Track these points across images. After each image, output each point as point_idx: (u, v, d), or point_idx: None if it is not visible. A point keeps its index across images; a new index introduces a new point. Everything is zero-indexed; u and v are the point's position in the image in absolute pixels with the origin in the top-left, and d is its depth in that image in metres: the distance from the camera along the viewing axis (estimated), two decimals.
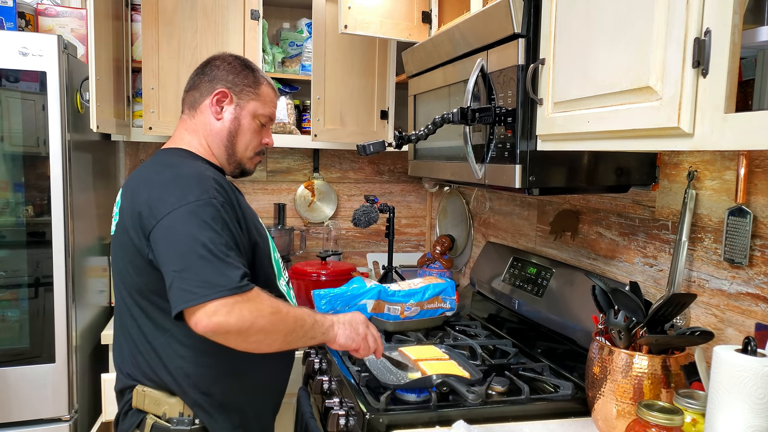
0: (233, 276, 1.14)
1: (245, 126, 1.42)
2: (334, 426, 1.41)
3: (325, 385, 1.64)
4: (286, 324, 1.21)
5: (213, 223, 1.18)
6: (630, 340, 1.25)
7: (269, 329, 1.18)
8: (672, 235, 1.48)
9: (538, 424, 1.36)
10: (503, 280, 2.09)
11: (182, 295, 1.12)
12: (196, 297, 1.11)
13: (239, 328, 1.14)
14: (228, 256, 1.16)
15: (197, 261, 1.14)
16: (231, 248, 1.19)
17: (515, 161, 1.35)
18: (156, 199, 1.22)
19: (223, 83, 1.40)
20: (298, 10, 2.76)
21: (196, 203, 1.19)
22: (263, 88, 1.45)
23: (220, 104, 1.40)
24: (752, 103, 1.03)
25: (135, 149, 2.70)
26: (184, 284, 1.13)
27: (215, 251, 1.15)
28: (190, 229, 1.16)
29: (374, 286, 1.99)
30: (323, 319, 1.32)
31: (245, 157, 1.45)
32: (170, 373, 1.29)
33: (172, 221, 1.18)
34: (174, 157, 1.38)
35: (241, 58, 1.47)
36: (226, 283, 1.13)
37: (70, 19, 2.23)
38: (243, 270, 1.17)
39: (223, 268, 1.14)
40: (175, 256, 1.16)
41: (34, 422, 1.92)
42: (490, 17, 1.42)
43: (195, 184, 1.23)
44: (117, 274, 1.36)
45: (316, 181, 2.92)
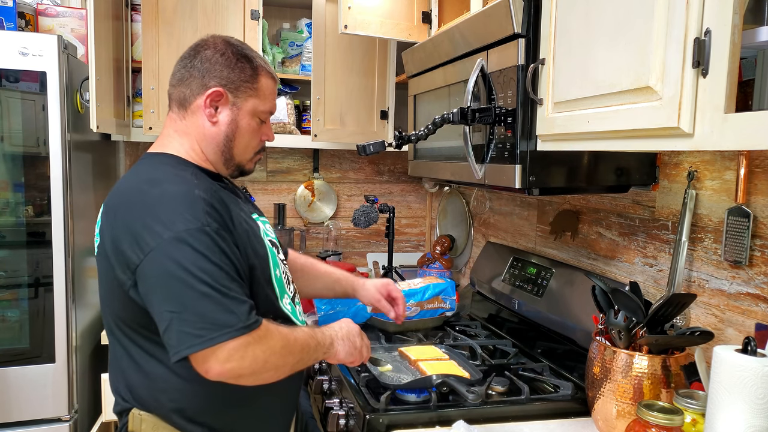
0: (241, 312, 1.03)
1: (243, 127, 1.25)
2: (334, 426, 1.41)
3: (325, 385, 1.64)
4: (294, 355, 1.14)
5: (209, 254, 1.05)
6: (630, 340, 1.25)
7: (281, 364, 1.11)
8: (672, 235, 1.48)
9: (538, 424, 1.36)
10: (503, 280, 2.09)
11: (185, 339, 1.01)
12: (202, 341, 1.00)
13: (253, 370, 1.06)
14: (231, 290, 1.05)
15: (198, 299, 1.02)
16: (233, 279, 1.07)
17: (515, 161, 1.35)
18: (140, 227, 1.07)
19: (217, 80, 1.21)
20: (298, 10, 2.76)
21: (187, 231, 1.04)
22: (262, 81, 1.26)
23: (215, 105, 1.22)
24: (752, 103, 1.03)
25: (135, 149, 2.70)
26: (186, 326, 1.01)
27: (216, 286, 1.03)
28: (184, 262, 1.03)
29: None
30: (323, 337, 1.24)
31: (244, 159, 1.30)
32: (162, 405, 1.18)
33: (161, 255, 1.04)
34: (160, 169, 1.20)
35: (235, 44, 1.26)
36: (234, 322, 1.02)
37: (70, 19, 2.23)
38: (249, 303, 1.07)
39: (229, 305, 1.03)
40: (170, 295, 1.03)
41: (34, 422, 1.92)
42: (490, 17, 1.42)
43: (184, 208, 1.08)
44: (102, 299, 1.22)
45: (316, 181, 2.92)
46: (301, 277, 1.59)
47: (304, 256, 1.66)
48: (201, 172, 1.23)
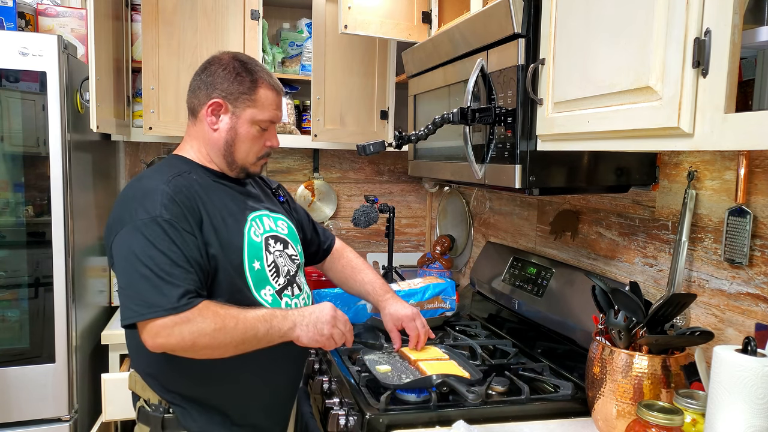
0: (171, 295, 1.18)
1: (243, 134, 1.39)
2: (334, 426, 1.41)
3: (325, 385, 1.64)
4: (233, 337, 1.23)
5: (156, 242, 1.21)
6: (630, 340, 1.25)
7: (214, 345, 1.22)
8: (672, 235, 1.48)
9: (538, 424, 1.36)
10: (503, 280, 2.09)
11: (124, 311, 1.20)
12: (135, 315, 1.18)
13: (182, 348, 1.20)
14: (170, 275, 1.19)
15: (138, 279, 1.19)
16: (177, 266, 1.21)
17: (515, 161, 1.35)
18: (116, 214, 1.30)
19: (219, 92, 1.37)
20: (298, 10, 2.76)
21: (142, 221, 1.23)
22: (260, 93, 1.39)
23: (216, 114, 1.38)
24: (752, 103, 1.03)
25: (135, 149, 2.70)
26: (126, 301, 1.20)
27: (155, 270, 1.19)
28: (134, 247, 1.22)
29: None
30: (283, 322, 1.29)
31: (247, 163, 1.43)
32: (140, 371, 1.39)
33: (121, 239, 1.25)
34: (158, 167, 1.40)
35: (241, 59, 1.42)
36: (162, 303, 1.17)
37: (70, 19, 2.23)
38: (183, 288, 1.19)
39: (162, 287, 1.18)
40: (121, 272, 1.24)
41: (34, 422, 1.92)
42: (490, 17, 1.42)
43: (146, 200, 1.26)
44: None
45: (316, 181, 2.92)
46: (342, 276, 1.76)
47: (349, 257, 1.77)
48: (201, 170, 1.41)
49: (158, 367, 1.35)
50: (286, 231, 1.51)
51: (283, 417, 1.53)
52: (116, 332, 2.16)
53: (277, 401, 1.49)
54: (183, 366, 1.31)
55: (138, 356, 1.39)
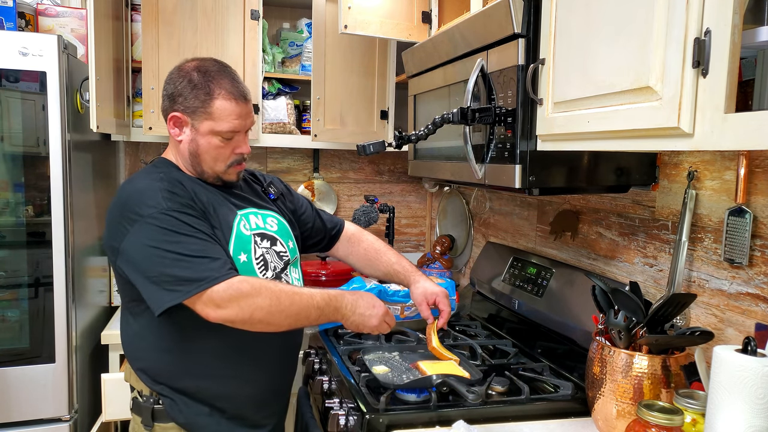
0: (213, 266, 1.25)
1: (204, 146, 1.39)
2: (334, 426, 1.41)
3: (325, 385, 1.64)
4: (287, 316, 1.31)
5: (175, 228, 1.26)
6: (630, 340, 1.25)
7: (269, 320, 1.29)
8: (672, 235, 1.48)
9: (538, 424, 1.36)
10: (503, 280, 2.09)
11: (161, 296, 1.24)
12: (178, 295, 1.23)
13: (242, 319, 1.26)
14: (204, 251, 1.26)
15: (169, 264, 1.24)
16: (206, 242, 1.28)
17: (515, 161, 1.35)
18: (116, 218, 1.32)
19: (177, 105, 1.38)
20: (298, 10, 2.76)
21: (150, 215, 1.27)
22: (216, 104, 1.36)
23: (178, 126, 1.41)
24: (752, 103, 1.03)
25: (135, 149, 2.70)
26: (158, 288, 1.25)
27: (184, 251, 1.24)
28: (151, 239, 1.26)
29: (374, 286, 1.99)
30: (334, 314, 1.39)
31: (218, 171, 1.43)
32: (133, 365, 1.44)
33: (133, 238, 1.27)
34: (145, 170, 1.45)
35: (202, 68, 1.39)
36: (207, 275, 1.23)
37: (70, 19, 2.23)
38: (223, 258, 1.27)
39: (201, 263, 1.24)
40: (144, 267, 1.26)
41: (34, 422, 1.92)
42: (490, 17, 1.42)
43: (146, 197, 1.30)
44: None
45: (316, 181, 2.92)
46: (365, 260, 1.76)
47: (370, 241, 1.77)
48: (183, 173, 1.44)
49: (147, 362, 1.41)
50: (276, 228, 1.52)
51: (275, 412, 1.54)
52: (116, 332, 2.14)
53: (269, 396, 1.51)
54: (172, 361, 1.38)
55: (129, 351, 1.45)
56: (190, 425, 1.40)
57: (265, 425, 1.50)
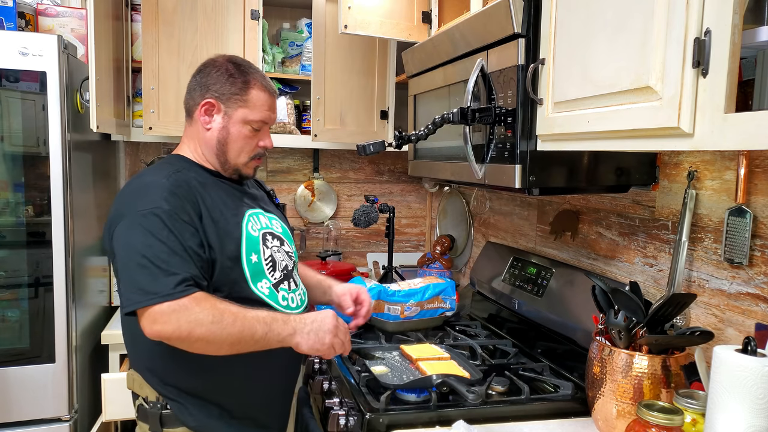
0: (168, 283, 1.19)
1: (234, 134, 1.42)
2: (334, 426, 1.41)
3: (325, 385, 1.64)
4: (230, 333, 1.22)
5: (154, 232, 1.24)
6: (630, 340, 1.25)
7: (210, 338, 1.21)
8: (672, 235, 1.48)
9: (538, 424, 1.36)
10: (503, 280, 2.09)
11: (124, 301, 1.23)
12: (133, 303, 1.20)
13: (178, 336, 1.20)
14: (167, 264, 1.21)
15: (135, 269, 1.22)
16: (174, 254, 1.23)
17: (515, 161, 1.35)
18: (116, 208, 1.33)
19: (212, 93, 1.41)
20: (298, 10, 2.76)
21: (140, 213, 1.26)
22: (252, 93, 1.42)
23: (209, 114, 1.42)
24: (752, 103, 1.03)
25: (135, 149, 2.70)
26: (125, 290, 1.23)
27: (152, 259, 1.21)
28: (132, 238, 1.25)
29: (374, 286, 1.99)
30: (283, 327, 1.28)
31: (240, 163, 1.45)
32: (138, 366, 1.41)
33: (120, 229, 1.28)
34: (157, 165, 1.44)
35: (236, 61, 1.45)
36: (159, 290, 1.19)
37: (70, 19, 2.23)
38: (180, 276, 1.21)
39: (159, 275, 1.20)
40: (120, 263, 1.26)
41: (34, 422, 1.92)
42: (490, 17, 1.42)
43: (145, 193, 1.30)
44: None
45: (316, 181, 2.92)
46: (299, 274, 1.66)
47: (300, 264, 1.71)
48: (198, 168, 1.44)
49: (156, 361, 1.37)
50: (281, 230, 1.53)
51: (282, 413, 1.53)
52: (116, 332, 2.15)
53: (276, 396, 1.49)
54: (181, 358, 1.31)
55: (136, 351, 1.41)
56: (201, 428, 1.37)
57: (273, 427, 1.49)
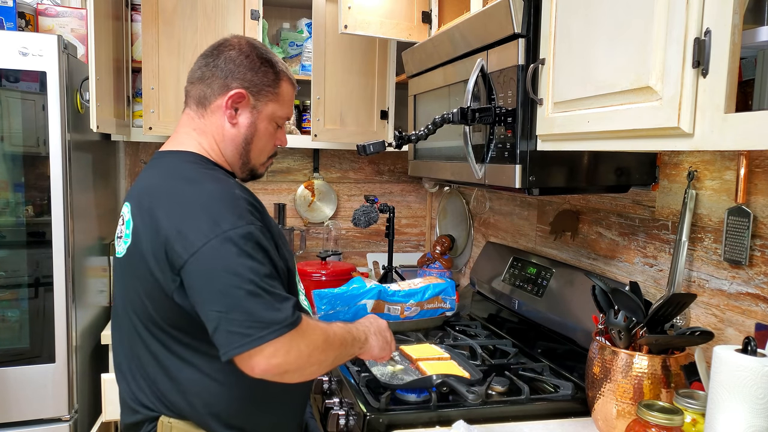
0: (286, 309, 1.04)
1: (262, 131, 1.26)
2: (334, 426, 1.41)
3: (325, 385, 1.64)
4: (334, 349, 1.15)
5: (254, 253, 1.05)
6: (630, 340, 1.25)
7: (323, 359, 1.11)
8: (672, 235, 1.48)
9: (538, 424, 1.36)
10: (503, 280, 2.09)
11: (234, 339, 1.01)
12: (251, 339, 1.00)
13: (298, 365, 1.06)
14: (275, 287, 1.05)
15: (245, 298, 1.02)
16: (274, 277, 1.08)
17: (515, 161, 1.35)
18: (184, 227, 1.07)
19: (240, 82, 1.22)
20: (298, 10, 2.76)
21: (234, 231, 1.05)
22: (283, 86, 1.27)
23: (235, 107, 1.23)
24: (752, 103, 1.03)
25: (135, 149, 2.70)
26: (233, 326, 1.01)
27: (262, 284, 1.03)
28: (230, 262, 1.03)
29: (374, 286, 1.99)
30: (358, 333, 1.26)
31: (258, 163, 1.31)
32: (196, 410, 1.17)
33: (208, 255, 1.04)
34: (190, 168, 1.20)
35: (259, 46, 1.27)
36: (281, 319, 1.02)
37: (70, 19, 2.23)
38: (292, 299, 1.07)
39: (275, 302, 1.03)
40: (217, 294, 1.03)
41: (34, 422, 1.92)
42: (490, 17, 1.42)
43: (227, 207, 1.09)
44: (128, 301, 1.20)
45: (316, 181, 2.92)
46: None
47: None
48: (222, 170, 1.25)
49: (222, 404, 1.17)
50: None
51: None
52: None
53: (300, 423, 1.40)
54: (242, 394, 1.18)
55: (195, 393, 1.17)
56: None
57: None
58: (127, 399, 1.24)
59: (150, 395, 1.19)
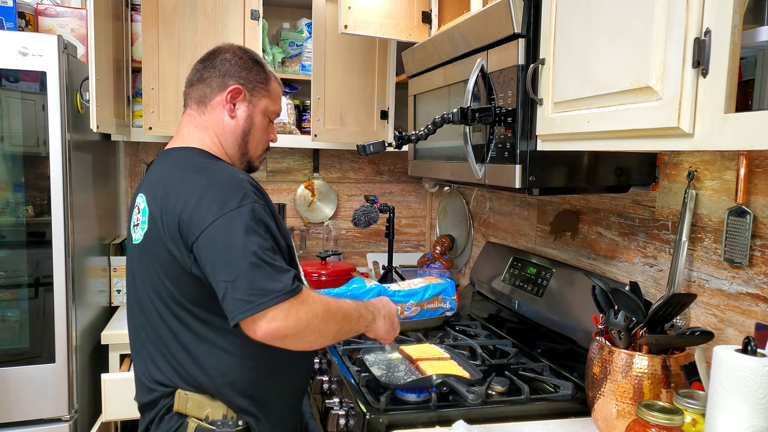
0: (286, 280, 1.13)
1: (258, 124, 1.39)
2: (334, 426, 1.41)
3: (325, 385, 1.64)
4: (336, 321, 1.23)
5: (258, 228, 1.17)
6: (630, 340, 1.25)
7: (323, 328, 1.19)
8: (672, 235, 1.48)
9: (538, 424, 1.36)
10: (503, 280, 2.09)
11: (238, 305, 1.11)
12: (253, 306, 1.10)
13: (297, 330, 1.14)
14: (275, 260, 1.16)
15: (248, 269, 1.12)
16: (276, 251, 1.18)
17: (515, 161, 1.35)
18: (195, 207, 1.19)
19: (236, 79, 1.35)
20: (298, 10, 2.76)
21: (239, 209, 1.17)
22: (272, 84, 1.42)
23: (233, 102, 1.36)
24: (752, 103, 1.03)
25: (135, 149, 2.70)
26: (238, 294, 1.11)
27: (264, 257, 1.14)
28: (237, 236, 1.14)
29: (374, 286, 1.99)
30: (366, 312, 1.35)
31: (255, 155, 1.44)
32: (213, 381, 1.26)
33: (216, 230, 1.15)
34: (198, 159, 1.31)
35: (249, 51, 1.42)
36: (281, 288, 1.12)
37: (70, 19, 2.23)
38: (293, 271, 1.17)
39: (275, 273, 1.13)
40: (225, 266, 1.14)
41: (34, 422, 1.92)
42: (490, 17, 1.42)
43: (234, 189, 1.20)
44: (148, 284, 1.29)
45: (316, 181, 2.92)
46: None
47: None
48: None
49: (236, 374, 1.27)
50: None
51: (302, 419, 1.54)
52: (116, 332, 2.16)
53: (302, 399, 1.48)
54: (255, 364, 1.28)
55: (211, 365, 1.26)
56: None
57: None
58: (143, 379, 1.34)
59: (168, 371, 1.29)
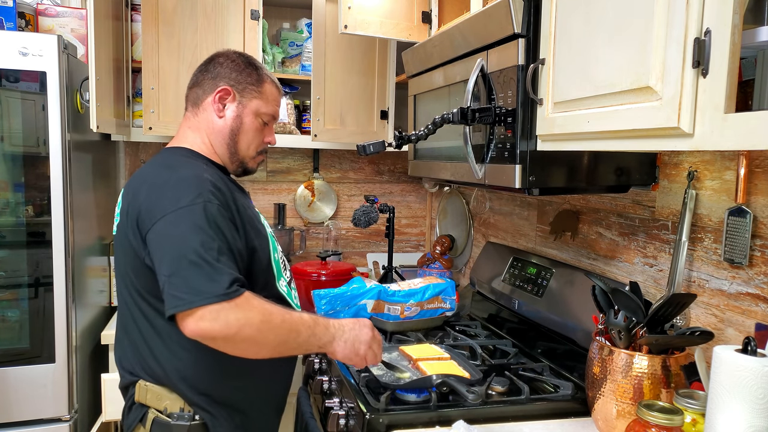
0: (221, 282, 1.13)
1: (247, 124, 1.41)
2: (334, 426, 1.41)
3: (325, 385, 1.64)
4: (276, 334, 1.19)
5: (207, 227, 1.17)
6: (630, 340, 1.25)
7: (257, 338, 1.17)
8: (672, 235, 1.48)
9: (538, 424, 1.36)
10: (503, 280, 2.09)
11: (171, 300, 1.13)
12: (183, 303, 1.12)
13: (225, 335, 1.13)
14: (218, 261, 1.15)
15: (187, 266, 1.13)
16: (222, 253, 1.18)
17: (515, 161, 1.35)
18: (152, 202, 1.22)
19: (226, 81, 1.40)
20: (298, 10, 2.76)
21: (190, 207, 1.18)
22: (266, 86, 1.44)
23: (223, 102, 1.40)
24: (752, 103, 1.03)
25: (135, 149, 2.70)
26: (173, 289, 1.13)
27: (205, 256, 1.14)
28: (182, 232, 1.16)
29: (374, 286, 1.99)
30: (324, 331, 1.28)
31: (248, 156, 1.45)
32: (167, 374, 1.30)
33: (165, 225, 1.18)
34: (175, 158, 1.36)
35: (246, 55, 1.46)
36: (213, 290, 1.12)
37: (70, 19, 2.23)
38: (233, 275, 1.15)
39: (212, 274, 1.13)
40: (167, 260, 1.16)
41: (34, 422, 1.92)
42: (490, 17, 1.42)
43: (190, 186, 1.22)
44: (119, 274, 1.36)
45: (316, 181, 2.92)
46: None
47: None
48: (211, 164, 1.41)
49: (189, 369, 1.29)
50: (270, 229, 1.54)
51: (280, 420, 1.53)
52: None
53: (282, 401, 1.49)
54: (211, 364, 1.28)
55: (167, 358, 1.30)
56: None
57: None
58: (117, 366, 1.40)
59: (134, 361, 1.34)
